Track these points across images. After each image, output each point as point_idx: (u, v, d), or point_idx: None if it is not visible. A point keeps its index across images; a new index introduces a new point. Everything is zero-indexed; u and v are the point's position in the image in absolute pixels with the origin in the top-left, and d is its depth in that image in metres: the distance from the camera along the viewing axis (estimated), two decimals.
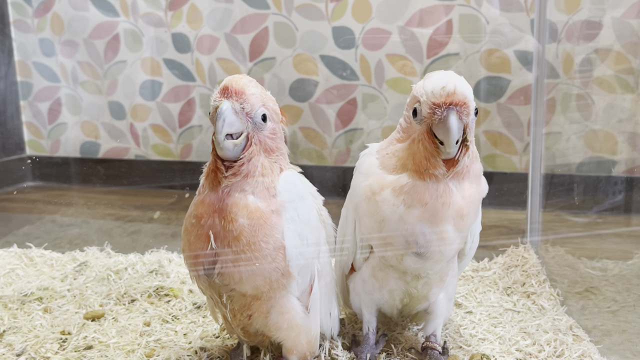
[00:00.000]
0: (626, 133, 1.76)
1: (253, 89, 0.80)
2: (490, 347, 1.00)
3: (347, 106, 2.10)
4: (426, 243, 0.84)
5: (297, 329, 0.88)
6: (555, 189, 1.61)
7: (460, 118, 0.79)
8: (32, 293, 1.25)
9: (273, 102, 0.85)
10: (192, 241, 0.83)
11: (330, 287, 0.97)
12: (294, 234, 0.83)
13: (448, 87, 0.79)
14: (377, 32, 2.03)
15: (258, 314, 0.86)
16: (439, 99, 0.79)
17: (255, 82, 0.82)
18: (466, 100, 0.79)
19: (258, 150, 0.82)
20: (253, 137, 0.81)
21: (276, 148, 0.85)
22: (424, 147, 0.82)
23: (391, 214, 0.84)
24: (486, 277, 1.31)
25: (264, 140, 0.82)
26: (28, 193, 2.21)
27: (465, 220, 0.84)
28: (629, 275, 1.26)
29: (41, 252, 1.49)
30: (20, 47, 2.40)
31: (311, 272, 0.88)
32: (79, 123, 2.41)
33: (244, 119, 0.79)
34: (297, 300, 0.87)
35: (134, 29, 2.26)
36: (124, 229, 1.76)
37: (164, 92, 2.28)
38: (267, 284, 0.83)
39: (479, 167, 0.87)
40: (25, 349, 1.01)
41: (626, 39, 1.73)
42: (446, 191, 0.82)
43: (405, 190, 0.83)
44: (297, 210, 0.84)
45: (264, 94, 0.83)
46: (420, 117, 0.82)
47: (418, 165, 0.82)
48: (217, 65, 2.19)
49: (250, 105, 0.79)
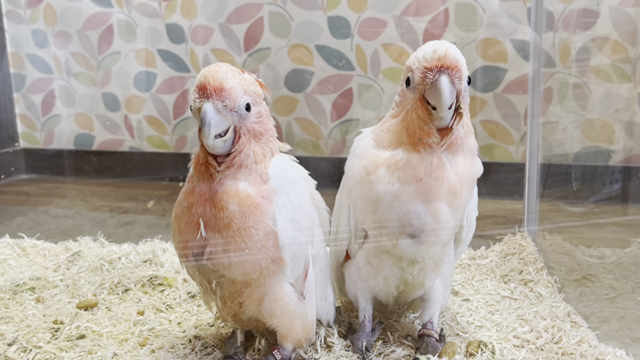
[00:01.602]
0: (623, 122, 1.75)
1: (231, 80, 0.77)
2: (488, 334, 0.99)
3: (343, 96, 2.09)
4: (421, 224, 0.83)
5: (291, 315, 0.87)
6: (553, 179, 1.61)
7: (453, 82, 0.78)
8: (24, 283, 1.24)
9: (253, 84, 0.82)
10: (182, 228, 0.82)
11: (325, 272, 0.96)
12: (286, 220, 0.82)
13: (439, 51, 0.79)
14: (372, 22, 2.02)
15: (249, 301, 0.85)
16: (430, 62, 0.79)
17: (231, 71, 0.79)
18: (458, 64, 0.79)
19: (248, 139, 0.80)
20: (241, 128, 0.79)
21: (265, 131, 0.83)
22: (417, 115, 0.81)
23: (385, 193, 0.83)
24: (483, 265, 1.30)
25: (252, 127, 0.81)
26: (22, 185, 2.20)
27: (459, 198, 0.84)
28: (626, 263, 1.25)
29: (34, 243, 1.48)
30: (13, 39, 2.38)
31: (305, 257, 0.87)
32: (73, 115, 2.39)
33: (229, 115, 0.78)
34: (291, 287, 0.86)
35: (128, 19, 2.24)
36: (118, 219, 1.75)
37: (159, 84, 2.27)
38: (257, 270, 0.81)
39: (474, 142, 0.86)
40: (17, 338, 1.00)
41: (623, 28, 1.72)
42: (439, 166, 0.81)
43: (400, 166, 0.82)
44: (289, 196, 0.83)
45: (242, 80, 0.80)
46: (413, 85, 0.82)
47: (412, 135, 0.82)
48: (212, 55, 2.18)
49: (233, 101, 0.77)
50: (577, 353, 0.90)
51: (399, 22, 1.99)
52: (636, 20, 1.72)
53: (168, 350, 0.96)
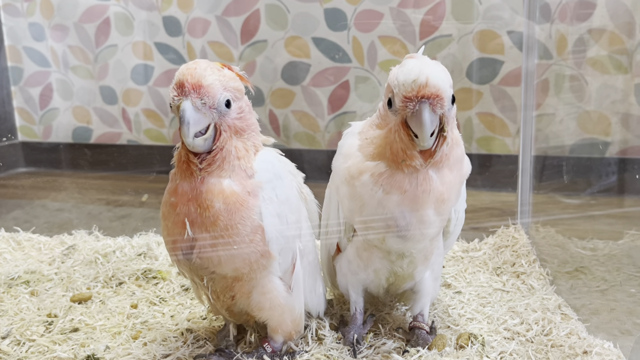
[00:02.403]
0: (619, 114, 1.75)
1: (210, 77, 0.76)
2: (479, 327, 0.99)
3: (340, 89, 2.08)
4: (406, 225, 0.83)
5: (280, 308, 0.87)
6: (548, 171, 1.61)
7: (434, 110, 0.76)
8: (19, 276, 1.24)
9: (233, 79, 0.81)
10: (169, 227, 0.82)
11: (313, 265, 0.96)
12: (272, 215, 0.82)
13: (420, 80, 0.75)
14: (369, 14, 2.01)
15: (240, 294, 0.86)
16: (410, 92, 0.76)
17: (210, 67, 0.78)
18: (439, 92, 0.76)
19: (229, 135, 0.80)
20: (221, 124, 0.79)
21: (247, 126, 0.82)
22: (400, 138, 0.79)
23: (370, 199, 0.83)
24: (476, 258, 1.31)
25: (233, 123, 0.80)
26: (19, 178, 2.20)
27: (447, 204, 0.83)
28: (619, 255, 1.25)
29: (29, 236, 1.49)
30: (10, 32, 2.38)
31: (292, 251, 0.88)
32: (71, 108, 2.40)
33: (208, 113, 0.77)
34: (280, 280, 0.87)
35: (125, 12, 2.24)
36: (114, 213, 1.75)
37: (156, 76, 2.27)
38: (247, 265, 0.82)
39: (460, 151, 0.84)
40: (10, 331, 1.00)
41: (620, 19, 1.71)
42: (426, 179, 0.80)
43: (384, 177, 0.82)
44: (275, 190, 0.83)
45: (222, 76, 0.79)
46: (395, 107, 0.80)
47: (395, 155, 0.80)
48: (209, 48, 2.17)
49: (212, 98, 0.76)
50: (566, 345, 0.91)
51: (395, 14, 1.99)
52: (633, 12, 1.71)
53: (160, 343, 0.96)
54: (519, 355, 0.89)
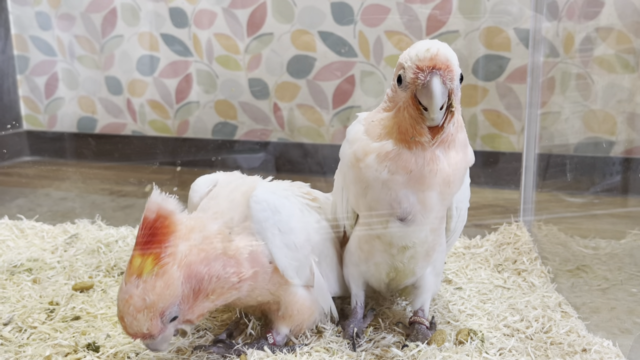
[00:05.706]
0: (625, 113, 1.74)
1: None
2: (479, 323, 0.99)
3: (345, 83, 2.08)
4: (409, 206, 0.84)
5: (308, 310, 0.93)
6: (552, 169, 1.60)
7: (444, 83, 0.78)
8: (21, 264, 1.25)
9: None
10: None
11: (332, 264, 0.99)
12: (280, 247, 0.86)
13: (432, 51, 0.78)
14: (376, 9, 2.00)
15: (269, 312, 0.93)
16: (422, 62, 0.78)
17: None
18: (449, 64, 0.78)
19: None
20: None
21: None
22: (409, 114, 0.80)
23: (374, 180, 0.84)
24: (478, 254, 1.31)
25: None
26: (24, 167, 2.21)
27: (451, 187, 0.84)
28: (621, 254, 1.25)
29: (32, 224, 1.49)
30: (17, 21, 2.38)
31: (309, 264, 0.91)
32: (76, 98, 2.40)
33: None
34: (303, 288, 0.92)
35: (131, 3, 2.24)
36: (117, 203, 1.76)
37: (161, 68, 2.27)
38: (267, 295, 0.89)
39: (465, 136, 0.86)
40: (12, 318, 1.01)
41: (628, 18, 1.70)
42: (433, 158, 0.81)
43: (390, 157, 0.82)
44: (276, 226, 0.86)
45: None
46: (405, 83, 0.81)
47: (404, 133, 0.81)
48: (215, 40, 2.17)
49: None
50: (565, 343, 0.91)
51: (402, 9, 1.98)
52: None
53: None
54: (518, 352, 0.89)
